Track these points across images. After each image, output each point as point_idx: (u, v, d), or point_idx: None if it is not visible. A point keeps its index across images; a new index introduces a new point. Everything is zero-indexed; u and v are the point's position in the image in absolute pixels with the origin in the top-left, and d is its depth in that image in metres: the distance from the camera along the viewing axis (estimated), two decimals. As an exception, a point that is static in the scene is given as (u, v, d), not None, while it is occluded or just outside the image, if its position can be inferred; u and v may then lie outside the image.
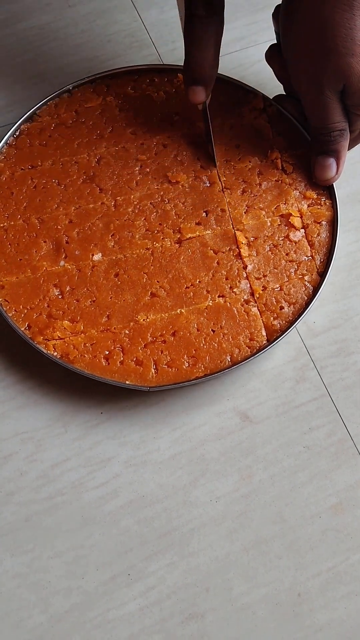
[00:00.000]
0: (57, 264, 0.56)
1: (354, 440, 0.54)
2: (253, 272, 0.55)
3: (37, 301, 0.54)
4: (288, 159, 0.58)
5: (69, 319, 0.54)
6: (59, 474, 0.53)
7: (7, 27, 0.69)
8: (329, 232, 0.56)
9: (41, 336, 0.53)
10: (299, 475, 0.53)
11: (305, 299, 0.55)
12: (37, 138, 0.60)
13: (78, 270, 0.55)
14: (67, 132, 0.60)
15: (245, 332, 0.54)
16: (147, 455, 0.53)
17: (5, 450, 0.54)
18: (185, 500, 0.52)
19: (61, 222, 0.57)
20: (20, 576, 0.50)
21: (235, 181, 0.58)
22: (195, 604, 0.50)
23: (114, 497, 0.52)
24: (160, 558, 0.51)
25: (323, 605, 0.50)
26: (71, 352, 0.53)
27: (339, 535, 0.51)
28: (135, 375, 0.52)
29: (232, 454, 0.53)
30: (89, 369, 0.52)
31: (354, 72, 0.51)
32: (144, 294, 0.55)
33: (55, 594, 0.50)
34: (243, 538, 0.51)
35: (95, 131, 0.60)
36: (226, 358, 0.53)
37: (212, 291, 0.55)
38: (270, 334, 0.54)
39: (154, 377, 0.52)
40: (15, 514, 0.52)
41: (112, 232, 0.56)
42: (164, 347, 0.53)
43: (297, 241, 0.56)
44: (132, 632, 0.49)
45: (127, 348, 0.53)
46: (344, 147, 0.56)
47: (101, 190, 0.58)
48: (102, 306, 0.54)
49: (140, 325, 0.54)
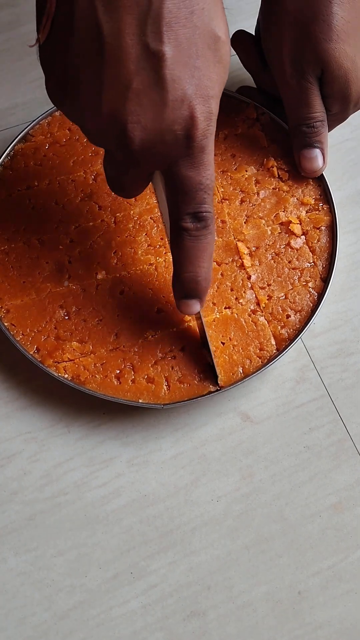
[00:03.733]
0: (61, 285, 0.55)
1: (354, 440, 0.54)
2: (257, 281, 0.55)
3: (44, 323, 0.54)
4: (284, 166, 0.58)
5: (77, 339, 0.53)
6: (62, 474, 0.53)
7: (9, 30, 0.69)
8: (329, 237, 0.57)
9: (51, 359, 0.52)
10: (299, 475, 0.53)
11: (310, 306, 0.55)
12: (32, 158, 0.59)
13: (83, 290, 0.55)
14: (62, 151, 0.59)
15: (254, 343, 0.53)
16: (149, 455, 0.54)
17: (9, 450, 0.54)
18: (186, 499, 0.53)
19: (62, 242, 0.56)
20: (24, 574, 0.51)
21: (233, 191, 0.58)
22: (197, 602, 0.50)
23: (117, 496, 0.53)
24: (162, 556, 0.51)
25: (323, 603, 0.50)
26: (82, 373, 0.52)
27: (339, 533, 0.52)
28: (148, 393, 0.52)
29: (233, 454, 0.54)
30: (101, 389, 0.52)
31: (332, 58, 0.52)
32: (150, 310, 0.54)
33: (58, 592, 0.50)
34: (244, 537, 0.52)
35: (90, 148, 0.59)
36: (238, 370, 0.53)
37: (218, 303, 0.54)
38: (279, 343, 0.53)
39: (167, 394, 0.52)
40: (18, 513, 0.52)
41: (114, 250, 0.56)
42: (175, 362, 0.53)
43: (299, 248, 0.56)
44: (135, 630, 0.50)
45: (137, 366, 0.52)
46: (326, 137, 0.57)
47: (100, 208, 0.57)
48: (110, 325, 0.53)
49: (149, 342, 0.53)
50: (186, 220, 0.44)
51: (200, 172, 0.42)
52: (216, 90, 0.41)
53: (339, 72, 0.53)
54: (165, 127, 0.40)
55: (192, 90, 0.40)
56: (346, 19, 0.52)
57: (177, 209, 0.44)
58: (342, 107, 0.56)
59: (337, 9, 0.52)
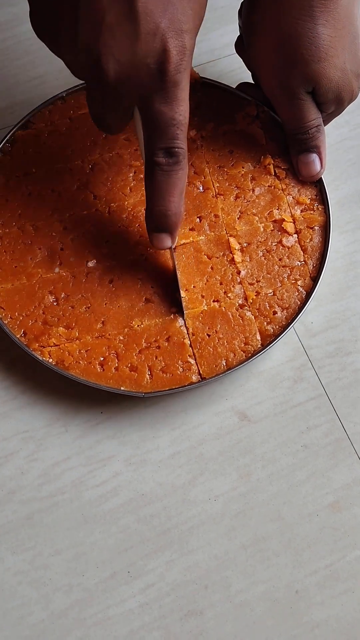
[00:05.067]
0: (52, 271, 0.56)
1: (351, 439, 0.54)
2: (247, 277, 0.56)
3: (32, 308, 0.55)
4: (281, 164, 0.59)
5: (64, 325, 0.54)
6: (60, 473, 0.53)
7: (8, 29, 0.69)
8: (322, 236, 0.57)
9: (37, 343, 0.53)
10: (296, 474, 0.53)
11: (298, 304, 0.55)
12: (32, 145, 0.60)
13: (73, 277, 0.55)
14: (61, 139, 0.60)
15: (240, 337, 0.54)
16: (147, 454, 0.54)
17: (7, 450, 0.54)
18: (184, 498, 0.53)
19: (56, 229, 0.57)
20: (22, 573, 0.51)
21: (229, 187, 0.58)
22: (194, 601, 0.50)
23: (114, 495, 0.53)
24: (160, 556, 0.51)
25: (320, 602, 0.50)
26: (66, 358, 0.53)
27: (336, 533, 0.52)
28: (130, 381, 0.53)
29: (230, 453, 0.54)
30: (84, 375, 0.53)
31: (323, 76, 0.53)
32: (138, 299, 0.55)
33: (56, 591, 0.51)
34: (241, 536, 0.52)
35: (89, 138, 0.60)
36: (221, 362, 0.53)
37: (206, 296, 0.55)
38: (264, 338, 0.54)
39: (149, 383, 0.53)
40: (16, 513, 0.52)
41: (107, 239, 0.57)
42: (159, 352, 0.53)
43: (290, 246, 0.56)
44: (132, 629, 0.50)
45: (121, 354, 0.53)
46: (323, 142, 0.57)
47: (95, 197, 0.58)
48: (97, 312, 0.54)
49: (134, 331, 0.54)
50: (159, 155, 0.46)
51: (173, 107, 0.44)
52: (191, 25, 0.42)
53: (331, 85, 0.53)
54: (138, 60, 0.41)
55: (165, 24, 0.41)
56: (332, 35, 0.52)
57: (150, 144, 0.46)
58: (337, 107, 0.56)
59: (322, 29, 0.51)
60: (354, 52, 0.53)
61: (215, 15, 0.69)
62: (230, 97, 0.61)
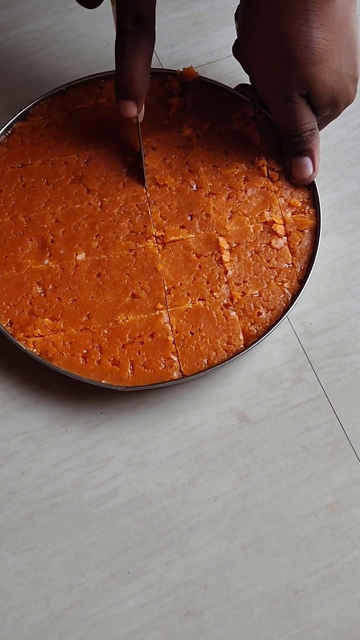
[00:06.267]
0: (41, 262, 0.56)
1: (350, 440, 0.54)
2: (233, 277, 0.56)
3: (20, 298, 0.55)
4: (275, 166, 0.59)
5: (50, 316, 0.55)
6: (60, 474, 0.54)
7: (8, 31, 0.69)
8: (311, 240, 0.57)
9: (22, 333, 0.54)
10: (295, 475, 0.54)
11: (283, 306, 0.55)
12: (29, 137, 0.61)
13: (61, 269, 0.56)
14: (59, 132, 0.61)
15: (223, 336, 0.54)
16: (147, 455, 0.54)
17: (7, 450, 0.54)
18: (184, 499, 0.53)
19: (48, 221, 0.58)
20: (22, 574, 0.51)
21: (222, 187, 0.59)
22: (194, 601, 0.50)
23: (114, 496, 0.53)
24: (160, 556, 0.51)
25: (319, 603, 0.50)
26: (50, 349, 0.54)
27: (335, 533, 0.52)
28: (112, 375, 0.53)
29: (230, 454, 0.54)
30: (66, 367, 0.53)
31: (317, 80, 0.52)
32: (124, 294, 0.55)
33: (56, 592, 0.51)
34: (241, 536, 0.52)
35: (86, 132, 0.61)
36: (203, 360, 0.54)
37: (192, 294, 0.55)
38: (247, 338, 0.54)
39: (130, 378, 0.53)
40: (16, 513, 0.53)
41: (97, 233, 0.57)
42: (142, 348, 0.54)
43: (279, 248, 0.57)
44: (132, 629, 0.50)
45: (105, 348, 0.54)
46: (317, 145, 0.57)
47: (88, 191, 0.59)
48: (83, 305, 0.55)
49: (119, 326, 0.54)
50: (127, 22, 0.50)
51: None
52: None
53: (325, 88, 0.53)
54: None
55: None
56: (327, 38, 0.51)
57: (121, 12, 0.50)
58: (332, 111, 0.56)
59: (316, 32, 0.51)
60: (350, 56, 0.53)
61: (214, 16, 0.70)
62: (228, 98, 0.61)
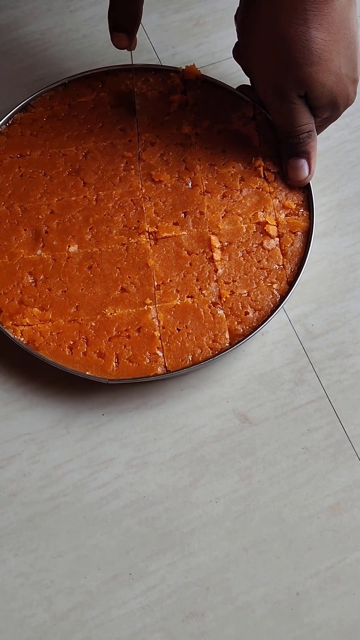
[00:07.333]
0: (34, 252, 0.57)
1: (352, 441, 0.54)
2: (223, 276, 0.56)
3: (10, 287, 0.56)
4: (271, 167, 0.59)
5: (39, 306, 0.55)
6: (61, 475, 0.54)
7: (9, 32, 0.69)
8: (303, 242, 0.57)
9: (10, 321, 0.54)
10: (297, 476, 0.54)
11: (271, 306, 0.55)
12: (29, 128, 0.61)
13: (53, 260, 0.57)
14: (59, 125, 0.61)
15: (209, 334, 0.55)
16: (148, 457, 0.54)
17: (9, 452, 0.54)
18: (185, 500, 0.53)
19: (43, 212, 0.58)
20: (24, 575, 0.51)
21: (217, 185, 0.59)
22: (196, 603, 0.50)
23: (116, 497, 0.53)
24: (161, 558, 0.51)
25: (321, 604, 0.50)
26: (37, 339, 0.54)
27: (337, 535, 0.52)
28: (97, 367, 0.53)
29: (231, 455, 0.54)
30: (52, 357, 0.54)
31: (315, 80, 0.52)
32: (114, 288, 0.56)
33: (58, 593, 0.51)
34: (242, 538, 0.52)
35: (85, 125, 0.61)
36: (188, 357, 0.54)
37: (181, 291, 0.56)
38: (232, 337, 0.55)
39: (114, 371, 0.53)
40: (18, 515, 0.53)
41: (91, 226, 0.58)
42: (128, 341, 0.54)
43: (271, 249, 0.57)
44: (134, 631, 0.50)
45: (91, 340, 0.54)
46: (314, 147, 0.57)
47: (85, 184, 0.59)
48: (73, 297, 0.55)
49: (107, 319, 0.55)
50: None
51: None
52: None
53: (324, 89, 0.53)
54: None
55: None
56: (325, 39, 0.51)
57: None
58: (332, 112, 0.56)
59: (315, 33, 0.51)
60: (350, 57, 0.53)
61: (215, 18, 0.70)
62: (229, 97, 0.61)
